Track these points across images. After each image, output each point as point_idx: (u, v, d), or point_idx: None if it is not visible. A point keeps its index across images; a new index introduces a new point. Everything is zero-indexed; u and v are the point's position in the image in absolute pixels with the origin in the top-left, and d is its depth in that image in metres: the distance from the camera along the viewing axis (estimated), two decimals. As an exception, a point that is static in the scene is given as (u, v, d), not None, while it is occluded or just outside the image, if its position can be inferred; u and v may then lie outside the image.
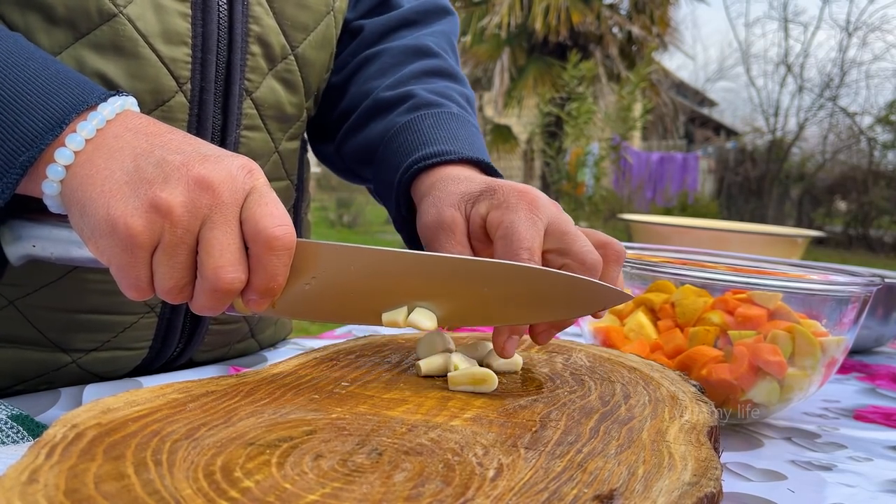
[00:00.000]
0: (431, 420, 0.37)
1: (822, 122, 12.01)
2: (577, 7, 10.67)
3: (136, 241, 0.39)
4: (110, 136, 0.41)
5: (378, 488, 0.28)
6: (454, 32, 0.77)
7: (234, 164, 0.41)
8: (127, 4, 0.52)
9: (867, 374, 0.86)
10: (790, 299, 0.58)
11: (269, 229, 0.40)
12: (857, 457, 0.56)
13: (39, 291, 0.56)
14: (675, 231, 1.62)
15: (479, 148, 0.62)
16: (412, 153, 0.61)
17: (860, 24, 14.30)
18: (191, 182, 0.39)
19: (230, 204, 0.40)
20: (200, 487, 0.27)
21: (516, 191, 0.51)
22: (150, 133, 0.41)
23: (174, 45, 0.55)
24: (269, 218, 0.40)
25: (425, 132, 0.62)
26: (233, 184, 0.40)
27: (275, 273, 0.41)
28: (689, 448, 0.36)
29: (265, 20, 0.60)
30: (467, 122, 0.65)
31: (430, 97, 0.65)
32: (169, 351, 0.64)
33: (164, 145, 0.41)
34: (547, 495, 0.29)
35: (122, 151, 0.40)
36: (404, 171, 0.60)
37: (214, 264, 0.39)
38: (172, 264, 0.40)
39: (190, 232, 0.39)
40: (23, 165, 0.40)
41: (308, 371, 0.45)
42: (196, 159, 0.40)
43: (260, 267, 0.41)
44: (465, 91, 0.71)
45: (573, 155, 7.46)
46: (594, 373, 0.51)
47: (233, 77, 0.59)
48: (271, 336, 0.77)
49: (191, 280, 0.41)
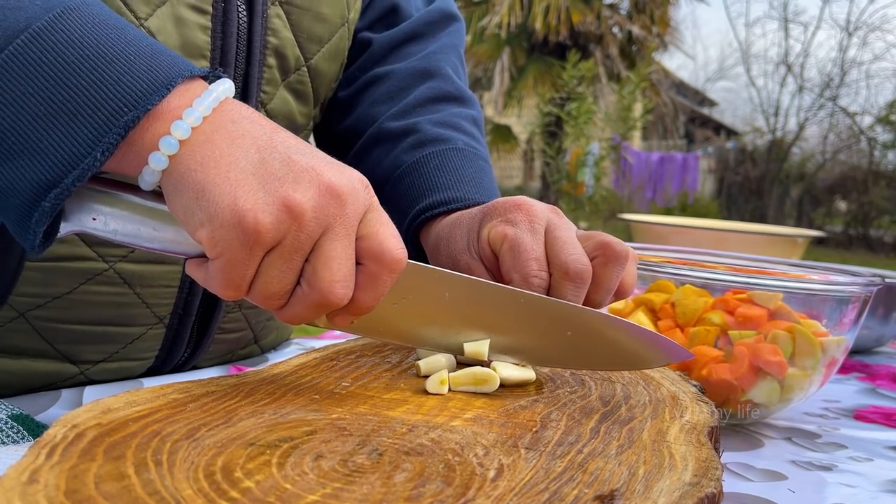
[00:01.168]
0: (432, 420, 0.37)
1: (823, 121, 12.02)
2: (577, 7, 10.66)
3: (260, 238, 0.36)
4: (228, 120, 0.38)
5: (378, 489, 0.28)
6: (461, 42, 0.77)
7: (355, 176, 0.39)
8: (148, 17, 0.52)
9: (867, 375, 0.86)
10: (790, 299, 0.58)
11: (394, 251, 0.39)
12: (858, 457, 0.56)
13: (50, 303, 0.56)
14: (675, 231, 1.62)
15: (486, 187, 0.63)
16: (419, 199, 0.62)
17: (860, 23, 14.30)
18: (322, 187, 0.37)
19: (353, 217, 0.38)
20: (201, 488, 0.27)
21: (511, 204, 0.52)
22: (265, 125, 0.38)
23: (193, 59, 0.54)
24: (394, 240, 0.39)
25: (430, 175, 0.63)
26: (356, 196, 0.38)
27: (381, 293, 0.40)
28: (689, 448, 0.36)
29: (283, 32, 0.60)
30: (474, 155, 0.65)
31: (436, 132, 0.66)
32: (174, 360, 0.64)
33: (283, 141, 0.38)
34: (548, 496, 0.29)
35: (243, 139, 0.37)
36: (412, 219, 0.61)
37: (331, 278, 0.37)
38: (285, 269, 0.37)
39: (312, 238, 0.37)
40: (125, 126, 0.35)
41: (308, 371, 0.45)
42: (322, 164, 0.38)
43: (369, 286, 0.39)
44: (472, 113, 0.71)
45: (573, 155, 7.46)
46: (595, 373, 0.51)
47: (250, 90, 0.59)
48: (273, 340, 0.77)
49: (293, 288, 0.38)
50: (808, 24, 27.71)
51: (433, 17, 0.74)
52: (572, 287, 0.49)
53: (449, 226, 0.58)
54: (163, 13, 0.53)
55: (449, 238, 0.56)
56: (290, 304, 0.39)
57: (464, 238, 0.55)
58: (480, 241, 0.53)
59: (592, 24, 10.81)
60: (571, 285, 0.49)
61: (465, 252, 0.54)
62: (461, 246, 0.55)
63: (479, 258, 0.53)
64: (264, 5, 0.58)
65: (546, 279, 0.49)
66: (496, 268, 0.52)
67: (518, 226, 0.50)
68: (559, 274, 0.49)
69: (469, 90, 0.74)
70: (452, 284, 0.44)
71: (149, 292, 0.58)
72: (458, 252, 0.54)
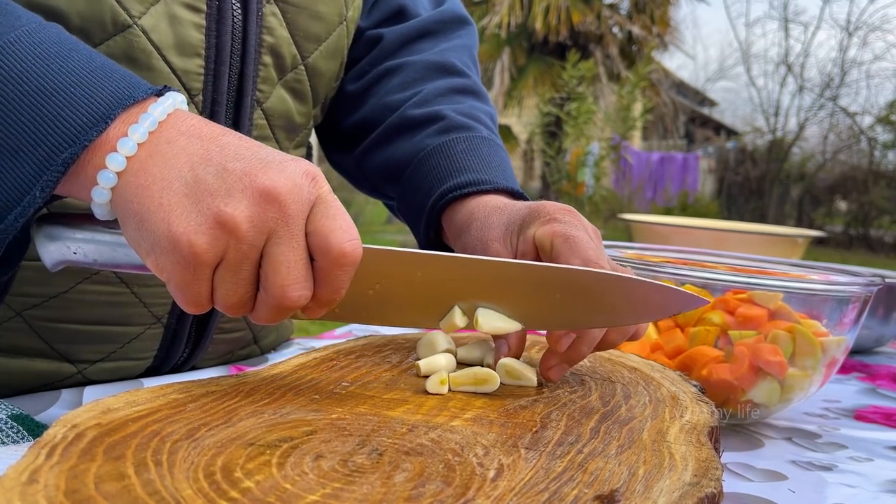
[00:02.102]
0: (432, 420, 0.37)
1: (823, 121, 12.01)
2: (577, 7, 10.67)
3: (199, 260, 0.36)
4: (163, 141, 0.38)
5: (378, 489, 0.28)
6: (474, 45, 0.76)
7: (297, 170, 0.38)
8: (141, 15, 0.52)
9: (868, 375, 0.86)
10: (791, 299, 0.58)
11: (340, 245, 0.38)
12: (858, 457, 0.56)
13: (47, 303, 0.56)
14: (675, 231, 1.62)
15: (510, 175, 0.63)
16: (446, 179, 0.61)
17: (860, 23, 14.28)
18: (255, 194, 0.36)
19: (296, 216, 0.37)
20: (201, 488, 0.27)
21: (561, 207, 0.51)
22: (204, 136, 0.38)
23: (187, 57, 0.54)
24: (339, 232, 0.38)
25: (458, 158, 0.62)
26: (298, 194, 0.37)
27: (340, 286, 0.39)
28: (689, 448, 0.36)
29: (278, 31, 0.60)
30: (498, 146, 0.65)
31: (460, 119, 0.65)
32: (173, 360, 0.64)
33: (220, 150, 0.38)
34: (547, 496, 0.29)
35: (177, 158, 0.37)
36: (438, 197, 0.60)
37: (282, 282, 0.37)
38: (236, 280, 0.38)
39: (255, 247, 0.37)
40: (64, 163, 0.36)
41: (308, 371, 0.45)
42: (258, 167, 0.37)
43: (326, 281, 0.39)
44: (490, 110, 0.71)
45: (573, 155, 7.45)
46: (595, 373, 0.51)
47: (245, 88, 0.58)
48: (273, 341, 0.77)
49: (254, 293, 0.39)
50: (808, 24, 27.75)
51: (445, 17, 0.74)
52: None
53: (487, 209, 0.56)
54: (156, 11, 0.52)
55: (485, 220, 0.55)
56: (256, 309, 0.39)
57: (502, 227, 0.53)
58: (523, 238, 0.51)
59: (592, 24, 10.81)
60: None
61: (499, 241, 0.52)
62: (497, 233, 0.53)
63: (514, 252, 0.51)
64: (259, 3, 0.58)
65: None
66: None
67: (572, 225, 0.49)
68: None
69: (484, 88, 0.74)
70: (421, 263, 0.42)
71: (146, 292, 0.58)
72: (492, 238, 0.53)
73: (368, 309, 0.44)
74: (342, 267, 0.38)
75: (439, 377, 0.43)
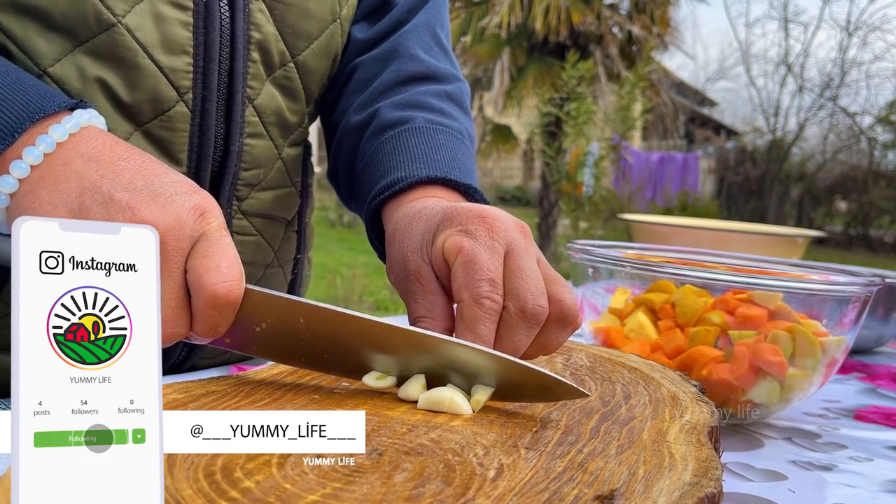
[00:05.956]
0: (432, 420, 0.37)
1: (823, 122, 12.02)
2: (577, 7, 10.66)
3: None
4: (59, 163, 0.38)
5: (378, 488, 0.28)
6: (437, 18, 0.72)
7: (185, 205, 0.38)
8: (126, 13, 0.52)
9: (868, 375, 0.86)
10: (791, 299, 0.58)
11: (212, 287, 0.37)
12: (858, 457, 0.56)
13: None
14: (675, 231, 1.62)
15: (442, 160, 0.59)
16: (373, 186, 0.59)
17: (860, 23, 14.27)
18: None
19: (173, 254, 0.37)
20: (201, 488, 0.27)
21: (474, 213, 0.46)
22: (102, 160, 0.38)
23: (174, 55, 0.54)
24: (214, 273, 0.37)
25: (384, 161, 0.60)
26: (180, 231, 0.37)
27: (216, 325, 0.39)
28: (689, 448, 0.36)
29: (266, 27, 0.60)
30: (434, 131, 0.62)
31: (394, 115, 0.63)
32: (171, 360, 0.64)
33: (114, 177, 0.38)
34: (548, 496, 0.29)
35: (69, 183, 0.37)
36: (367, 208, 0.59)
37: None
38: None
39: None
40: None
41: (308, 371, 0.45)
42: (144, 200, 0.37)
43: (201, 319, 0.39)
44: (445, 88, 0.68)
45: (573, 155, 7.45)
46: (594, 373, 0.51)
47: (235, 85, 0.58)
48: None
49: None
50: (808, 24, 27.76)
51: (414, 3, 0.72)
52: (525, 328, 0.44)
53: (408, 217, 0.52)
54: (141, 9, 0.52)
55: (405, 231, 0.51)
56: None
57: (418, 236, 0.49)
58: (434, 247, 0.47)
59: (592, 24, 10.81)
60: (525, 325, 0.44)
61: (417, 252, 0.48)
62: (414, 244, 0.49)
63: (430, 264, 0.47)
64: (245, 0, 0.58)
65: (499, 303, 0.43)
66: (447, 276, 0.46)
67: (477, 239, 0.44)
68: (515, 309, 0.43)
69: (447, 66, 0.71)
70: (302, 311, 0.40)
71: None
72: (410, 250, 0.49)
73: (258, 344, 0.42)
74: (216, 308, 0.38)
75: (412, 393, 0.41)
